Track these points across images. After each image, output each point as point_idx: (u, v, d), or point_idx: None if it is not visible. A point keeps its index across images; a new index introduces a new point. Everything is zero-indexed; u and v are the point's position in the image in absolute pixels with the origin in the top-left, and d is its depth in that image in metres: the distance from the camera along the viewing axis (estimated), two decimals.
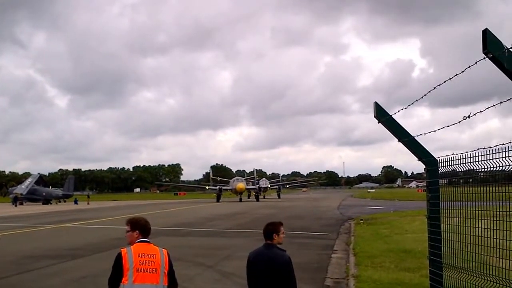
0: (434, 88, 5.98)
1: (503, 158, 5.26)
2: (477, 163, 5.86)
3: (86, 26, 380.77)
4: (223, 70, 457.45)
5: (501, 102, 4.75)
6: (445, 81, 5.65)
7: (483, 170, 5.93)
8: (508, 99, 4.59)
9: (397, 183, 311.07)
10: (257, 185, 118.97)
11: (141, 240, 7.14)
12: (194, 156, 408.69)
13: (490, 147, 5.28)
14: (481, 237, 6.17)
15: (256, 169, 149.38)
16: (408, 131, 8.02)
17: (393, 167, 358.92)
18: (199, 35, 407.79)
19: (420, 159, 8.00)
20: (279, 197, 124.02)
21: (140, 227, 7.22)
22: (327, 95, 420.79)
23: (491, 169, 5.67)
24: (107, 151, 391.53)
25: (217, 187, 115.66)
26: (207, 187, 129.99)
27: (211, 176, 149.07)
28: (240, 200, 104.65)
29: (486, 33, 4.63)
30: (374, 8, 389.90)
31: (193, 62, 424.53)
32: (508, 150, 5.10)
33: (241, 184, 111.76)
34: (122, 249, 7.01)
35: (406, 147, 8.03)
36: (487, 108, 5.03)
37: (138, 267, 6.79)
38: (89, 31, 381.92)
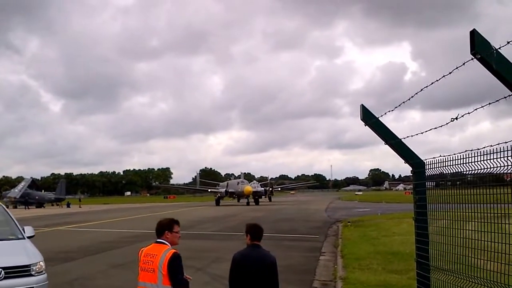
0: (421, 90, 5.90)
1: (491, 160, 5.17)
2: (465, 164, 5.78)
3: (80, 31, 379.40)
4: (215, 74, 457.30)
5: (490, 103, 4.67)
6: (432, 83, 5.57)
7: (470, 171, 5.85)
8: (497, 100, 4.50)
9: (384, 185, 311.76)
10: (264, 188, 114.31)
11: (157, 240, 7.57)
12: (184, 160, 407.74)
13: (479, 149, 5.18)
14: (468, 239, 6.08)
15: (245, 172, 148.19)
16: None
17: (380, 170, 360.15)
18: (191, 39, 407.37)
19: (407, 161, 7.91)
20: (270, 200, 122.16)
21: (156, 228, 7.67)
22: (318, 98, 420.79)
23: (479, 171, 5.59)
24: (99, 155, 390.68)
25: (223, 189, 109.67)
26: (209, 190, 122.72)
27: (199, 179, 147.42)
28: (248, 204, 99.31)
29: (474, 34, 4.55)
30: (367, 12, 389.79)
31: (186, 66, 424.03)
32: (496, 152, 5.01)
33: (249, 187, 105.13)
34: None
35: (393, 150, 7.93)
36: (475, 110, 4.96)
37: (142, 266, 7.29)
38: (82, 36, 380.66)
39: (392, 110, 7.48)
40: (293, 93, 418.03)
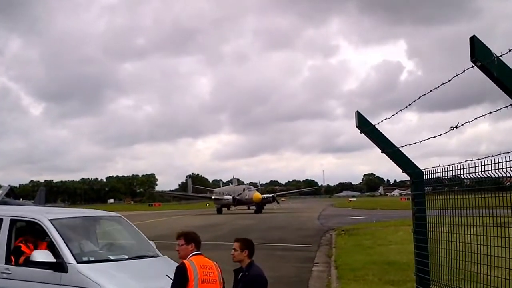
0: (419, 97, 5.93)
1: (493, 171, 5.19)
2: (465, 175, 5.79)
3: (63, 30, 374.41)
4: (204, 75, 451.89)
5: (490, 112, 4.69)
6: (430, 91, 5.59)
7: (469, 180, 5.88)
8: (498, 109, 4.53)
9: (379, 191, 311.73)
10: (272, 194, 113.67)
11: (196, 252, 7.73)
12: (170, 166, 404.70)
13: (479, 159, 5.22)
14: (471, 253, 6.10)
15: (236, 178, 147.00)
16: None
17: (374, 175, 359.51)
18: (179, 38, 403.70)
19: (405, 171, 7.92)
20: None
21: (194, 240, 7.86)
22: (310, 100, 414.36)
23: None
24: (81, 161, 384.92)
25: (228, 196, 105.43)
26: (213, 197, 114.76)
27: (191, 185, 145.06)
28: (256, 212, 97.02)
29: (474, 41, 4.57)
30: (363, 9, 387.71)
31: (173, 66, 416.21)
32: (498, 163, 5.03)
33: (258, 194, 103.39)
34: (184, 261, 7.59)
35: (390, 159, 7.94)
36: (476, 118, 4.98)
37: (203, 278, 7.39)
38: (66, 35, 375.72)
39: (390, 118, 7.51)
40: (284, 95, 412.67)
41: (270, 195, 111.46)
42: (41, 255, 10.22)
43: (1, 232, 10.91)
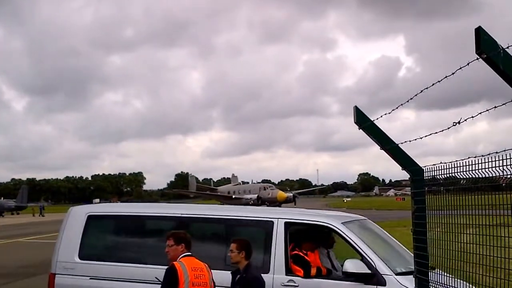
0: (421, 91, 5.88)
1: (495, 168, 5.17)
2: (470, 172, 5.76)
3: (48, 20, 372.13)
4: (195, 69, 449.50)
5: (495, 107, 4.66)
6: (433, 84, 5.54)
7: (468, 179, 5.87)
8: (504, 104, 4.50)
9: (374, 191, 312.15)
10: (293, 193, 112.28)
11: (187, 254, 7.53)
12: (159, 164, 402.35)
13: (483, 155, 5.18)
14: (470, 254, 6.09)
15: (225, 178, 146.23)
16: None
17: (370, 174, 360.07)
18: (169, 30, 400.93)
19: (404, 168, 7.87)
20: None
21: (185, 241, 7.63)
22: (305, 96, 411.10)
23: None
24: (65, 159, 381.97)
25: (255, 195, 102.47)
26: (233, 196, 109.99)
27: (195, 183, 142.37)
28: None
29: (480, 32, 4.53)
30: (362, 1, 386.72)
31: (163, 59, 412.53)
32: (503, 159, 5.00)
33: (283, 193, 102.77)
34: (175, 263, 7.37)
35: (389, 155, 7.88)
36: (480, 113, 4.94)
37: (194, 281, 7.22)
38: (50, 25, 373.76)
39: (389, 113, 7.48)
40: (278, 90, 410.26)
41: (291, 194, 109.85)
42: (354, 265, 9.44)
43: (275, 237, 9.78)
